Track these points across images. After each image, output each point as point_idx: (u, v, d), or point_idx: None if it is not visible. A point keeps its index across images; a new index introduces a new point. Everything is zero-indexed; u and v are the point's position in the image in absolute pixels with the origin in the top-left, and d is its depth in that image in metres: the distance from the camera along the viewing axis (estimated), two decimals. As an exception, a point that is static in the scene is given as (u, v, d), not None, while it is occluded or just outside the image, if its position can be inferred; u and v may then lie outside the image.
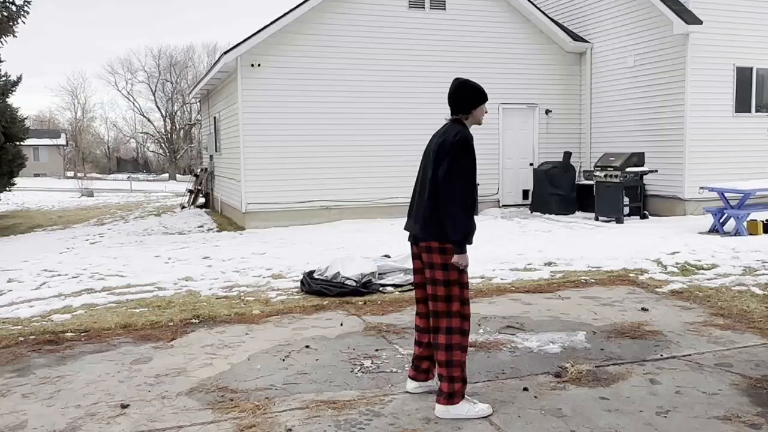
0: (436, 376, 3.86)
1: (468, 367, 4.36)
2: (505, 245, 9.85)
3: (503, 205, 15.08)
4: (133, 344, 5.24)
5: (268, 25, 12.97)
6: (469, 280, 4.01)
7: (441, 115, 13.90)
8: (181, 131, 59.37)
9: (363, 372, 4.46)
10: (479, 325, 5.56)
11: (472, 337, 5.14)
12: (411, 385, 4.08)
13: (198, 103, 27.18)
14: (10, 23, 14.81)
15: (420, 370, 4.06)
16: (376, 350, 4.92)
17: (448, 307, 3.77)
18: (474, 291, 6.85)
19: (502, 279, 7.46)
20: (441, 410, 3.69)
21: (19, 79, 19.14)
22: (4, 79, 18.26)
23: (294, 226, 13.03)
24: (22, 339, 5.42)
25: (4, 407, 3.99)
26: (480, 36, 14.51)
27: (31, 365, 4.79)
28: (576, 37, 15.15)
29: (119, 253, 10.32)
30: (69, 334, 5.49)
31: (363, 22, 13.64)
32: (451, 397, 3.67)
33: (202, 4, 75.83)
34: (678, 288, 6.84)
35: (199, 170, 22.81)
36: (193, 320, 5.91)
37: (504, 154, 15.09)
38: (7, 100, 18.46)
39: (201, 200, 20.60)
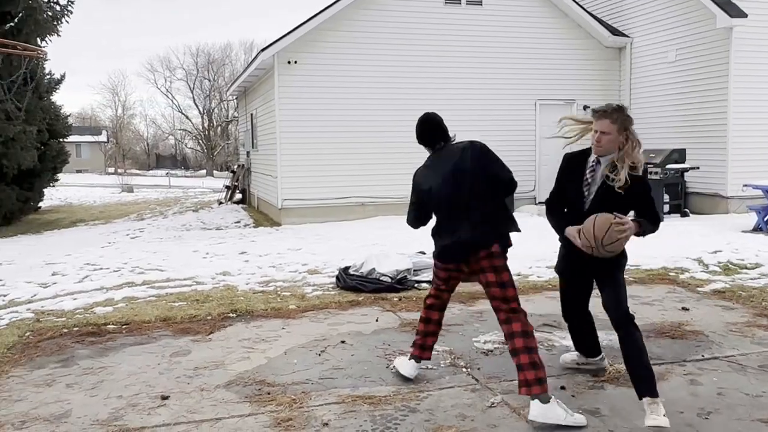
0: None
1: (504, 365, 4.35)
2: (541, 243, 9.74)
3: (539, 202, 14.91)
4: (173, 337, 5.33)
5: (305, 23, 13.05)
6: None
7: (476, 111, 13.94)
8: (219, 128, 60.16)
9: (398, 368, 4.46)
10: (515, 322, 5.52)
11: (508, 335, 5.13)
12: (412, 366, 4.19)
13: (235, 100, 27.50)
14: (55, 23, 15.17)
15: (426, 347, 4.18)
16: (412, 346, 4.92)
17: (518, 303, 3.84)
18: (510, 288, 6.80)
19: (538, 277, 7.39)
20: (538, 412, 3.50)
21: (63, 77, 19.60)
22: (48, 77, 18.71)
23: (329, 222, 13.11)
24: (66, 331, 5.56)
25: (49, 396, 4.10)
26: (516, 31, 14.37)
27: (74, 356, 4.91)
28: (615, 32, 14.90)
29: (159, 248, 10.51)
30: (111, 327, 5.62)
31: (399, 19, 13.63)
32: (541, 382, 3.55)
33: (240, 2, 76.65)
34: (720, 287, 6.69)
35: (236, 167, 23.09)
36: (231, 314, 5.99)
37: (541, 150, 14.93)
38: (51, 98, 18.91)
39: (238, 196, 20.85)
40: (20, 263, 9.15)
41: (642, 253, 8.61)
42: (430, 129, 4.17)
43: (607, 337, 5.04)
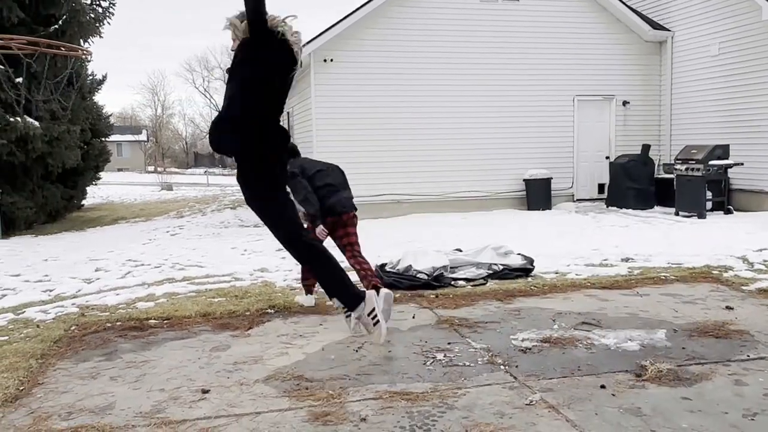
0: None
1: (542, 363, 4.31)
2: (579, 240, 9.64)
3: (577, 200, 14.74)
4: (212, 332, 5.41)
5: (341, 21, 13.11)
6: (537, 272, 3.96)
7: (513, 108, 13.82)
8: (255, 127, 60.62)
9: (435, 365, 4.46)
10: (553, 320, 5.47)
11: (546, 333, 5.09)
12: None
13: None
14: (97, 24, 15.51)
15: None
16: (449, 343, 4.91)
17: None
18: (548, 286, 6.74)
19: (576, 274, 7.29)
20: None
21: (104, 77, 20.04)
22: (90, 78, 19.14)
23: (365, 219, 13.07)
24: (109, 325, 5.69)
25: (94, 389, 4.20)
26: (554, 27, 14.20)
27: (118, 350, 5.02)
28: (656, 26, 14.61)
29: (198, 245, 10.68)
30: (152, 321, 5.73)
31: (434, 15, 13.59)
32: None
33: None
34: (766, 286, 6.51)
35: (272, 164, 23.23)
36: (269, 310, 6.06)
37: (578, 147, 14.74)
38: (93, 98, 19.34)
39: (274, 194, 20.97)
40: (65, 259, 9.39)
41: (684, 251, 8.45)
42: None
43: (648, 336, 4.96)
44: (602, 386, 4.00)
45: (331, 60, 13.19)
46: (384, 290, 4.96)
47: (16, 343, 5.20)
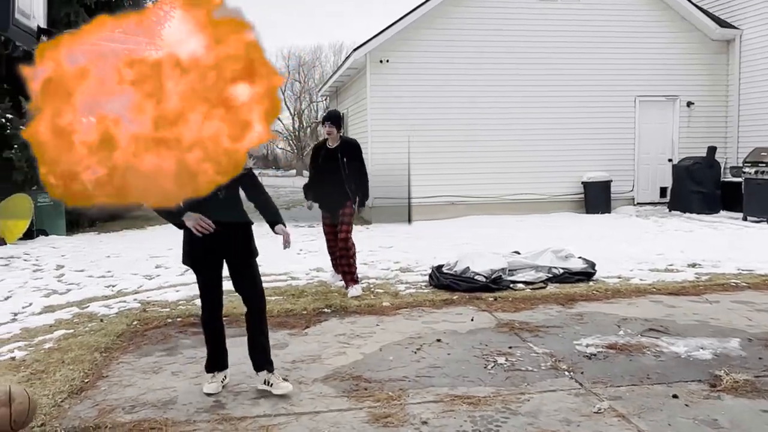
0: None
1: (609, 370, 4.16)
2: (642, 245, 9.33)
3: (638, 203, 14.31)
4: (270, 330, 5.37)
5: (397, 21, 13.07)
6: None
7: (572, 109, 13.47)
8: (308, 129, 61.42)
9: (497, 369, 4.34)
10: (618, 326, 5.28)
11: (611, 339, 4.91)
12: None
13: (325, 101, 27.93)
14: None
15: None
16: (510, 347, 4.78)
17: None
18: (611, 291, 6.53)
19: (641, 280, 7.04)
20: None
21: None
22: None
23: (419, 221, 13.05)
24: (170, 321, 5.77)
25: (156, 383, 4.24)
26: (615, 25, 13.82)
27: (178, 345, 5.08)
28: (723, 24, 14.07)
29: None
30: (211, 318, 5.76)
31: (492, 15, 13.40)
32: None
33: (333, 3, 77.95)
34: None
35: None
36: (325, 309, 6.04)
37: (640, 149, 14.30)
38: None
39: (328, 195, 21.09)
40: (126, 256, 9.61)
41: (755, 257, 8.08)
42: None
43: (721, 345, 4.72)
44: (674, 396, 3.82)
45: (387, 61, 13.16)
46: None
47: (81, 336, 5.31)
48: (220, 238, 4.00)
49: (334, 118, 6.81)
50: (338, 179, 6.59)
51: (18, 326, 5.78)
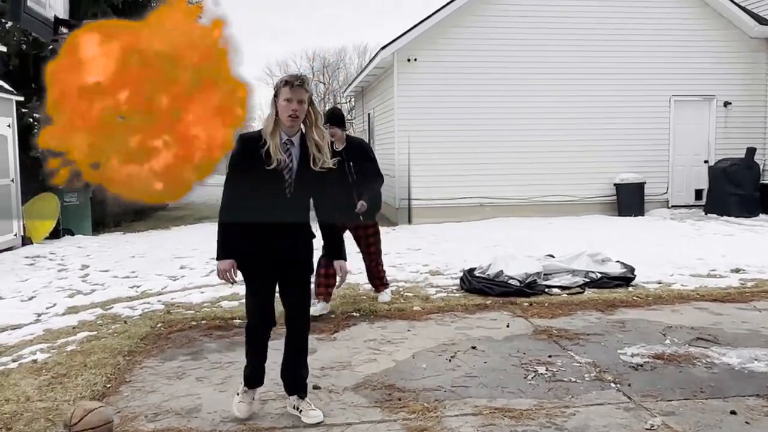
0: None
1: (658, 382, 3.91)
2: (680, 248, 8.98)
3: (672, 206, 13.89)
4: (298, 334, 5.21)
5: (425, 19, 12.83)
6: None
7: (604, 108, 13.08)
8: (333, 130, 61.34)
9: (538, 379, 4.10)
10: (664, 335, 5.00)
11: (657, 348, 4.64)
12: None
13: (349, 102, 27.84)
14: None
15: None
16: (549, 356, 4.53)
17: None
18: (652, 297, 6.24)
19: (682, 285, 6.73)
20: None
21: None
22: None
23: (447, 222, 12.80)
24: (194, 323, 5.61)
25: (180, 389, 4.07)
26: (649, 22, 13.42)
27: (203, 349, 4.91)
28: (762, 21, 13.60)
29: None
30: (237, 321, 5.60)
31: (521, 13, 13.10)
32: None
33: (355, 5, 77.76)
34: None
35: (351, 167, 23.23)
36: (354, 313, 5.83)
37: (674, 150, 13.88)
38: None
39: (353, 196, 20.95)
40: (151, 256, 9.51)
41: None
42: None
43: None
44: (732, 412, 3.54)
45: (415, 59, 12.93)
46: None
47: (104, 338, 5.17)
48: (283, 240, 3.53)
49: (335, 118, 5.67)
50: (346, 186, 5.68)
51: (41, 327, 5.67)
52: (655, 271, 7.39)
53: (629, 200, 13.13)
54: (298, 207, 3.54)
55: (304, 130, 3.51)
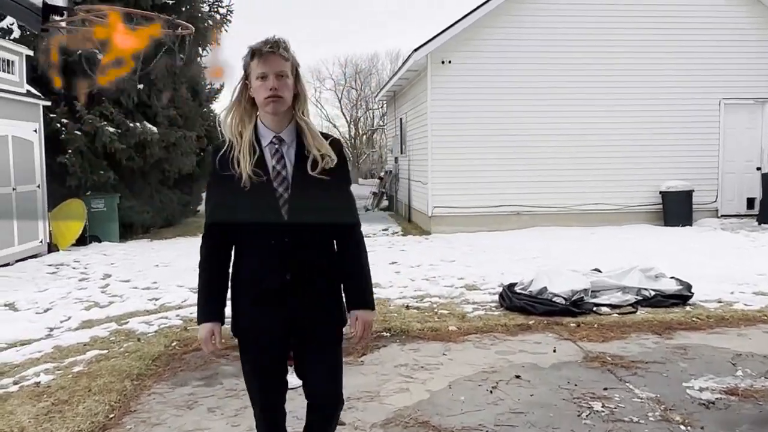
0: None
1: (735, 424, 3.36)
2: (737, 262, 8.31)
3: (722, 215, 13.12)
4: (322, 357, 4.76)
5: (459, 20, 12.33)
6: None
7: (648, 112, 12.34)
8: (364, 136, 61.15)
9: (594, 418, 3.57)
10: (734, 364, 4.41)
11: (729, 381, 4.07)
12: None
13: (381, 108, 27.44)
14: (215, 30, 15.60)
15: None
16: (605, 389, 3.99)
17: None
18: (714, 318, 5.63)
19: (746, 304, 6.10)
20: None
21: (222, 86, 20.29)
22: (208, 87, 19.43)
23: (482, 231, 12.25)
24: (212, 342, 5.19)
25: (189, 422, 3.65)
26: (696, 22, 12.70)
27: (218, 373, 4.49)
28: (819, 19, 12.81)
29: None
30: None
31: (559, 13, 12.50)
32: None
33: (389, 12, 77.48)
34: None
35: (382, 173, 22.85)
36: (384, 333, 5.36)
37: (724, 156, 13.11)
38: (210, 106, 19.63)
39: (384, 203, 20.53)
40: (176, 266, 9.18)
41: None
42: None
43: None
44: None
45: (449, 62, 12.44)
46: None
47: (114, 359, 4.79)
48: (288, 287, 2.36)
49: None
50: None
51: (51, 344, 5.34)
52: (713, 287, 6.76)
53: (676, 209, 12.41)
54: (304, 234, 2.35)
55: (298, 120, 2.40)
